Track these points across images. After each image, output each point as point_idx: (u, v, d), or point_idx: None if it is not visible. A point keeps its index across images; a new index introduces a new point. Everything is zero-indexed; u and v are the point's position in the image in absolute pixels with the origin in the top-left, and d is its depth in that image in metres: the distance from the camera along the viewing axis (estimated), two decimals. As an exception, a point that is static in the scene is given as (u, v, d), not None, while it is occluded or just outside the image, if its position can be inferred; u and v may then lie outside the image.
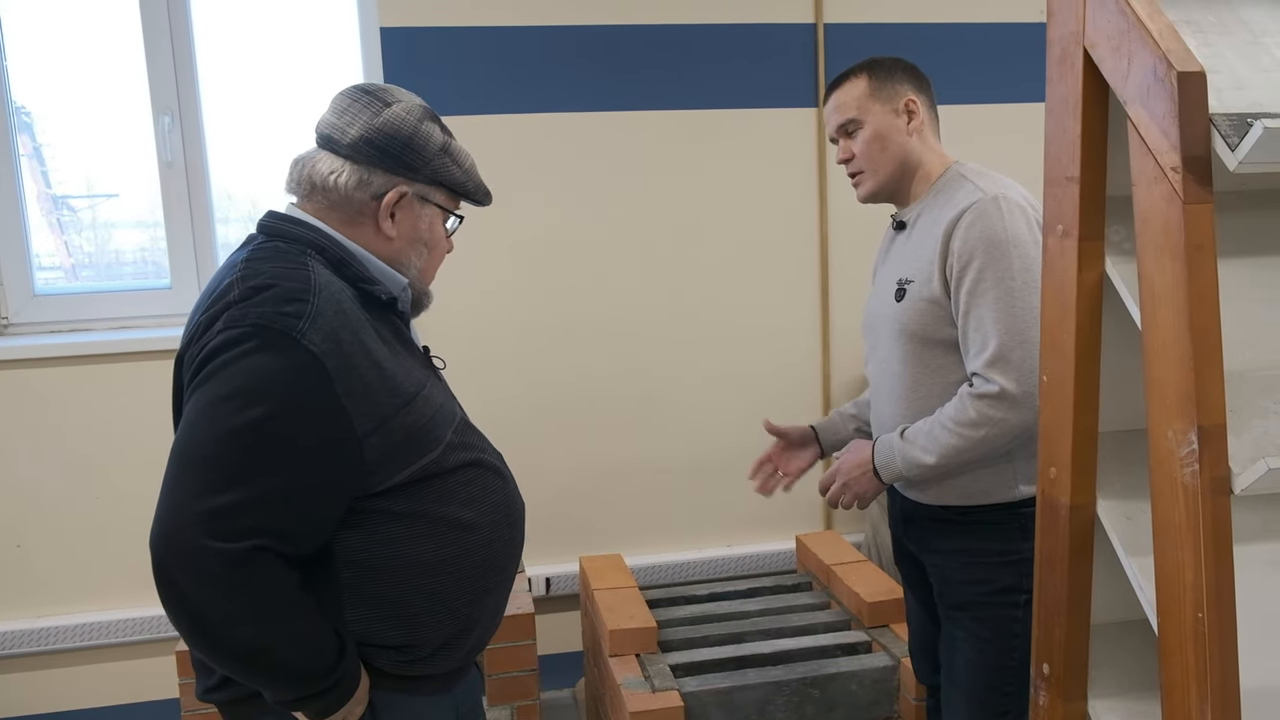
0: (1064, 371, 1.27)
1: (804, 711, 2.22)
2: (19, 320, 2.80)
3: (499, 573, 1.45)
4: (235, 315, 1.25)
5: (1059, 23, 1.23)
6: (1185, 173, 1.02)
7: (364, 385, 1.27)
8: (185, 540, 1.18)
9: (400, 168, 1.39)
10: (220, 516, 1.18)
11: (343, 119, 1.39)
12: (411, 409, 1.33)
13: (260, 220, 1.42)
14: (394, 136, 1.38)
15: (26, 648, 2.71)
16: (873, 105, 1.83)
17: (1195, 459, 1.03)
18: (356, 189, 1.37)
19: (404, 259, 1.44)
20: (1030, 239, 1.69)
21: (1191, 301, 1.03)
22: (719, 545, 3.09)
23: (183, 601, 1.20)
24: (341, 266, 1.36)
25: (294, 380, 1.23)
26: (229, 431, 1.20)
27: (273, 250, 1.34)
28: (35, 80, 2.79)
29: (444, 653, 1.41)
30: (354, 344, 1.28)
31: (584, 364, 2.95)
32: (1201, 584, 1.04)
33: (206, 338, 1.26)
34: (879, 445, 1.83)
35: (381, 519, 1.33)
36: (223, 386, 1.22)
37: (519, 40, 2.80)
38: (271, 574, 1.22)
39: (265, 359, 1.22)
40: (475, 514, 1.40)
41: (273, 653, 1.24)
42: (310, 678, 1.26)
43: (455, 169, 1.44)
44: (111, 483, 2.74)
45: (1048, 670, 1.35)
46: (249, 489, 1.20)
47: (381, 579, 1.34)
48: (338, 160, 1.38)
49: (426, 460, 1.35)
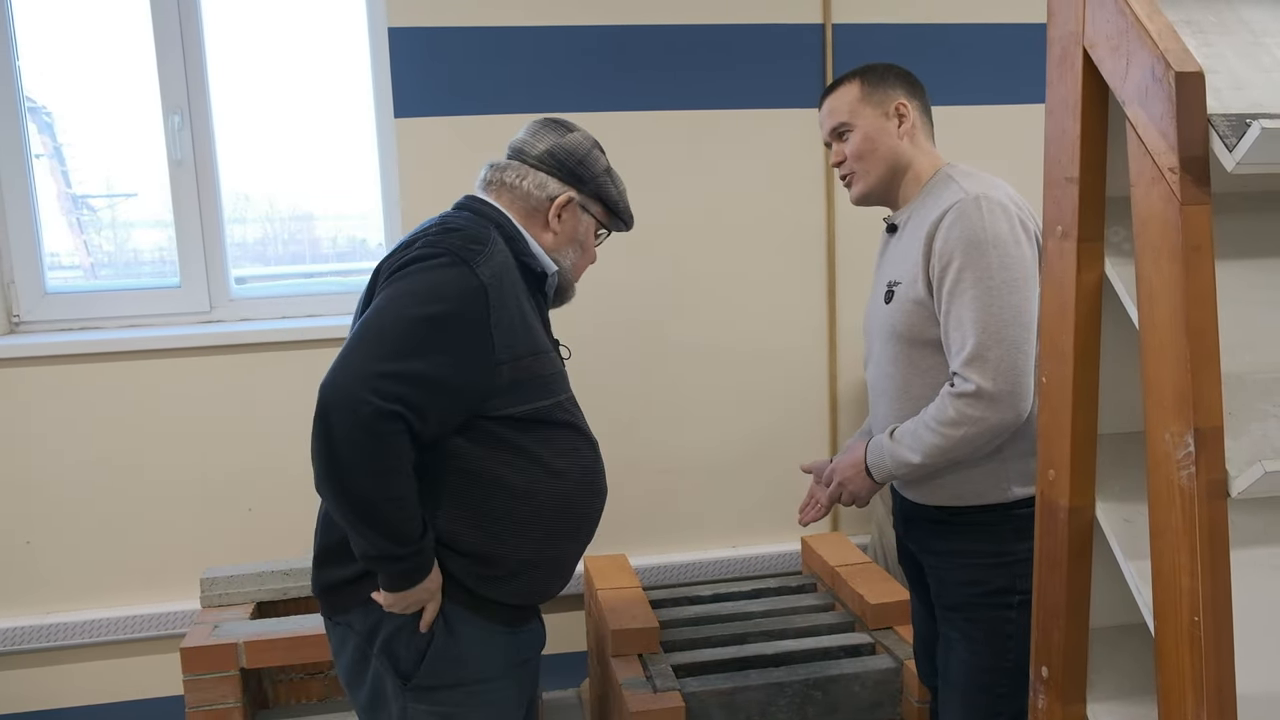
0: (1063, 373, 1.26)
1: (806, 713, 2.22)
2: (30, 318, 2.82)
3: (575, 525, 1.70)
4: (432, 239, 1.59)
5: (1059, 23, 1.23)
6: (1183, 173, 1.02)
7: (509, 323, 1.59)
8: (350, 389, 1.46)
9: (572, 179, 1.75)
10: (383, 379, 1.47)
11: (534, 138, 1.76)
12: (539, 360, 1.64)
13: (458, 200, 1.76)
14: (572, 154, 1.75)
15: (34, 644, 2.73)
16: (864, 109, 1.85)
17: (1192, 461, 1.03)
18: (536, 188, 1.73)
19: (561, 253, 1.77)
20: (1011, 238, 1.70)
21: (1189, 303, 1.02)
22: (724, 546, 3.09)
23: (330, 439, 1.47)
24: (512, 241, 1.68)
25: (465, 295, 1.54)
26: (409, 318, 1.51)
27: (467, 216, 1.69)
28: (55, 80, 2.82)
29: (512, 580, 1.64)
30: (510, 290, 1.60)
31: (589, 363, 2.94)
32: (1198, 588, 1.04)
33: (406, 253, 1.58)
34: (871, 445, 1.85)
35: (493, 440, 1.60)
36: (412, 284, 1.54)
37: (527, 40, 2.81)
38: (400, 440, 1.49)
39: (449, 274, 1.55)
40: (566, 465, 1.67)
41: (378, 506, 1.50)
42: (397, 540, 1.52)
43: (612, 189, 1.79)
44: (120, 480, 2.76)
45: (1047, 673, 1.34)
46: (410, 364, 1.49)
47: (478, 490, 1.60)
48: (525, 167, 1.75)
49: (541, 404, 1.63)
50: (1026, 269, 1.70)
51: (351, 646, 1.67)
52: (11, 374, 2.70)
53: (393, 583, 1.56)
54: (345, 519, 1.55)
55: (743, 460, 3.06)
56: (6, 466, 2.71)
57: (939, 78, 1.92)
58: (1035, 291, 1.71)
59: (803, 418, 3.06)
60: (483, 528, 1.61)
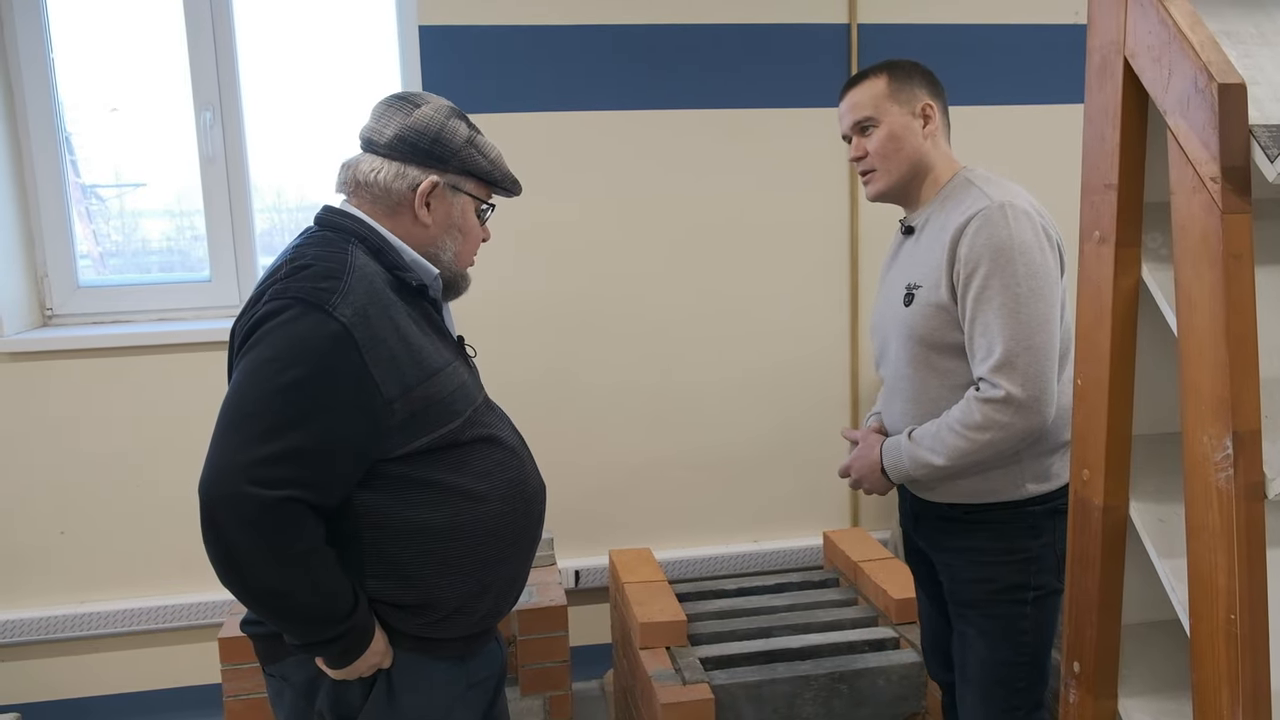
0: (1099, 375, 1.28)
1: (832, 706, 2.25)
2: (63, 311, 2.86)
3: (511, 544, 1.56)
4: (279, 289, 1.41)
5: (1099, 31, 1.25)
6: (1224, 183, 1.04)
7: (389, 356, 1.41)
8: (229, 486, 1.32)
9: (431, 160, 1.53)
10: (260, 465, 1.32)
11: (379, 122, 1.55)
12: (434, 382, 1.46)
13: (316, 214, 1.58)
14: (424, 133, 1.52)
15: (70, 632, 2.78)
16: (890, 106, 1.84)
17: (1230, 464, 1.05)
18: (394, 181, 1.53)
19: (439, 244, 1.58)
20: (1036, 245, 1.71)
21: (1228, 309, 1.04)
22: (746, 540, 3.12)
23: (222, 542, 1.33)
24: (380, 254, 1.50)
25: (327, 347, 1.37)
26: (271, 390, 1.35)
27: (321, 239, 1.51)
28: (67, 69, 2.83)
29: (458, 617, 1.51)
30: (382, 319, 1.42)
31: (615, 360, 2.98)
32: (1235, 587, 1.06)
33: (254, 310, 1.42)
34: (887, 447, 1.86)
35: (401, 484, 1.45)
36: (265, 351, 1.37)
37: (556, 38, 2.83)
38: (300, 523, 1.35)
39: (303, 326, 1.37)
40: (487, 486, 1.51)
41: (292, 596, 1.37)
42: (323, 624, 1.39)
43: (481, 159, 1.57)
44: (153, 471, 2.80)
45: (1078, 668, 1.37)
46: (287, 441, 1.34)
47: (399, 541, 1.45)
48: (378, 159, 1.54)
49: (445, 430, 1.47)
50: (1051, 277, 1.72)
51: (288, 701, 1.55)
52: (45, 366, 2.74)
53: (334, 662, 1.44)
54: (262, 616, 1.43)
55: (765, 455, 3.09)
56: (41, 458, 2.76)
57: (963, 78, 1.94)
58: (1058, 299, 1.73)
59: (825, 414, 3.09)
60: (413, 579, 1.46)
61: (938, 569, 1.95)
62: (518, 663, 2.47)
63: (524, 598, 2.49)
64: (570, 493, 2.86)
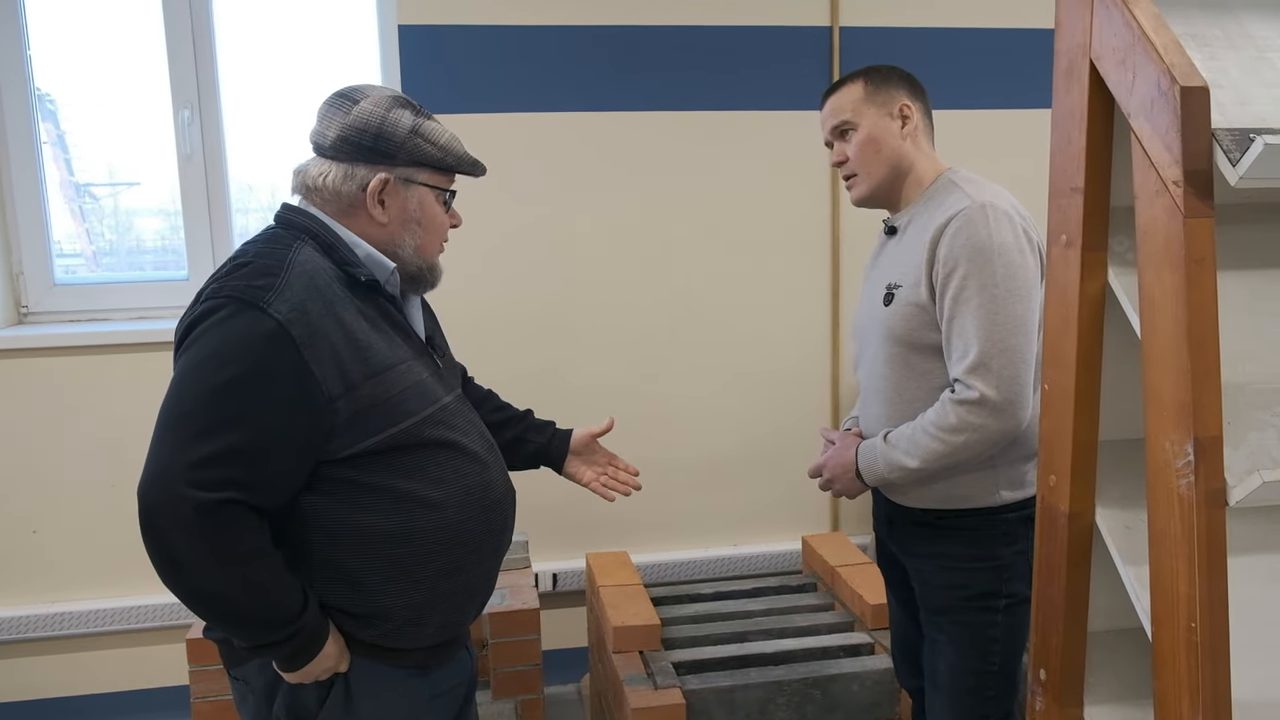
0: (1065, 380, 1.27)
1: (805, 711, 2.24)
2: (39, 309, 2.84)
3: (471, 552, 1.51)
4: (215, 288, 1.39)
5: (1066, 34, 1.24)
6: (1187, 186, 1.03)
7: (332, 352, 1.38)
8: (167, 488, 1.29)
9: (377, 157, 1.49)
10: (198, 467, 1.29)
11: (322, 124, 1.52)
12: (382, 380, 1.42)
13: (276, 212, 1.55)
14: (365, 130, 1.48)
15: (40, 632, 2.76)
16: (867, 109, 1.85)
17: (1191, 470, 1.04)
18: (343, 183, 1.49)
19: (398, 240, 1.53)
20: (1016, 247, 1.71)
21: (1190, 314, 1.03)
22: (726, 545, 3.11)
23: (161, 544, 1.30)
24: (331, 251, 1.48)
25: (262, 343, 1.34)
26: (206, 390, 1.32)
27: (270, 236, 1.49)
28: (60, 67, 2.82)
29: (410, 629, 1.47)
30: (324, 316, 1.39)
31: (593, 362, 2.97)
32: (1195, 594, 1.05)
33: (192, 309, 1.40)
34: (862, 449, 1.85)
35: (350, 488, 1.42)
36: (203, 349, 1.34)
37: (536, 39, 2.82)
38: (241, 524, 1.32)
39: (237, 325, 1.34)
40: (443, 493, 1.47)
41: (234, 599, 1.34)
42: (269, 626, 1.36)
43: (429, 147, 1.52)
44: (126, 471, 2.75)
45: (1044, 676, 1.36)
46: (224, 440, 1.31)
47: (346, 547, 1.42)
48: (325, 162, 1.51)
49: (395, 431, 1.42)
50: (1030, 278, 1.71)
51: (251, 705, 1.52)
52: (20, 364, 2.72)
53: (285, 665, 1.41)
54: (204, 618, 1.40)
55: (746, 460, 3.08)
56: (14, 457, 2.74)
57: (945, 81, 1.94)
58: (1038, 301, 1.72)
59: (805, 418, 3.08)
60: (362, 586, 1.43)
61: (910, 575, 1.94)
62: (490, 666, 2.46)
63: (496, 601, 2.47)
64: (549, 496, 2.83)
